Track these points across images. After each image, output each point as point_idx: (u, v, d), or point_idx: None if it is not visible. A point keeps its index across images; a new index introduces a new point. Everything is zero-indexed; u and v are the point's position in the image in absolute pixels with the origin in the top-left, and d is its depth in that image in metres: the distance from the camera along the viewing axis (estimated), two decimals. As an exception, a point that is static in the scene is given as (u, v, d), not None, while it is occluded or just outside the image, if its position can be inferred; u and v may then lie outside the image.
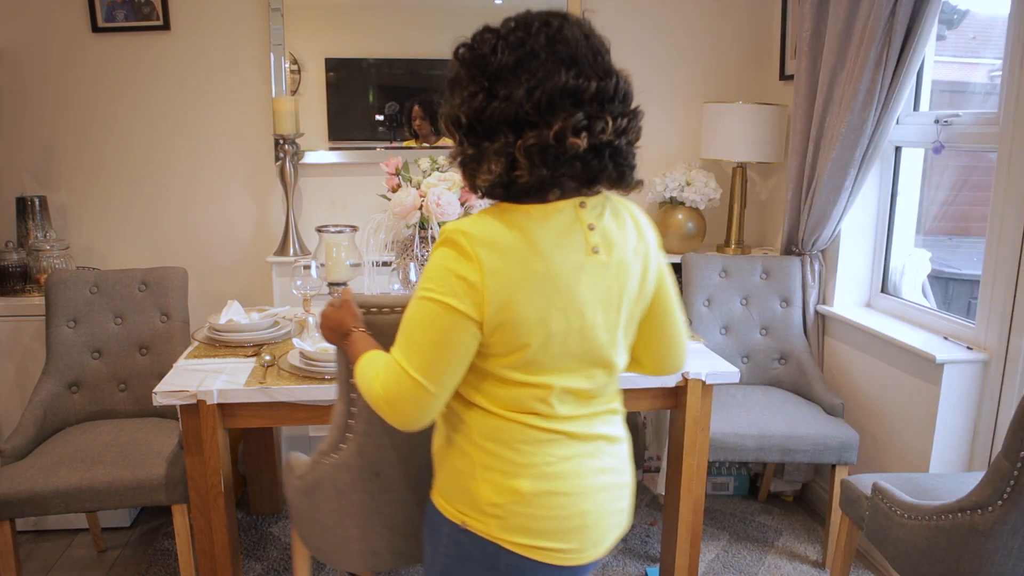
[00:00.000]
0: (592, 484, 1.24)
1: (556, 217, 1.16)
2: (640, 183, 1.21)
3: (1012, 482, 1.55)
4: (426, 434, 1.36)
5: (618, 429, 1.31)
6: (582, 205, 1.18)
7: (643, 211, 1.30)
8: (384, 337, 1.32)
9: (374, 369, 1.22)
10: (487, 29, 1.19)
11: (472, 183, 1.20)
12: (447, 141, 3.20)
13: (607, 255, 1.19)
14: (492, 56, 1.14)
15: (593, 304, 1.18)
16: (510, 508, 1.20)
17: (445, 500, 1.27)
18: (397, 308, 1.44)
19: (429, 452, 1.37)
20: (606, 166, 1.15)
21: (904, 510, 1.81)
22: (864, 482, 2.04)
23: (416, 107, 3.21)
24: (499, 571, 1.23)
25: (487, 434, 1.22)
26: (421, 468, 1.59)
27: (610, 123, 1.13)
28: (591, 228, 1.18)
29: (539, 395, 1.20)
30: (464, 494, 1.24)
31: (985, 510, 1.60)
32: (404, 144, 3.23)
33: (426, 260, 2.30)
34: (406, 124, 3.23)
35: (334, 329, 1.42)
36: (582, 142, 1.10)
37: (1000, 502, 1.57)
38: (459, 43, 1.21)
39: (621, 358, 1.26)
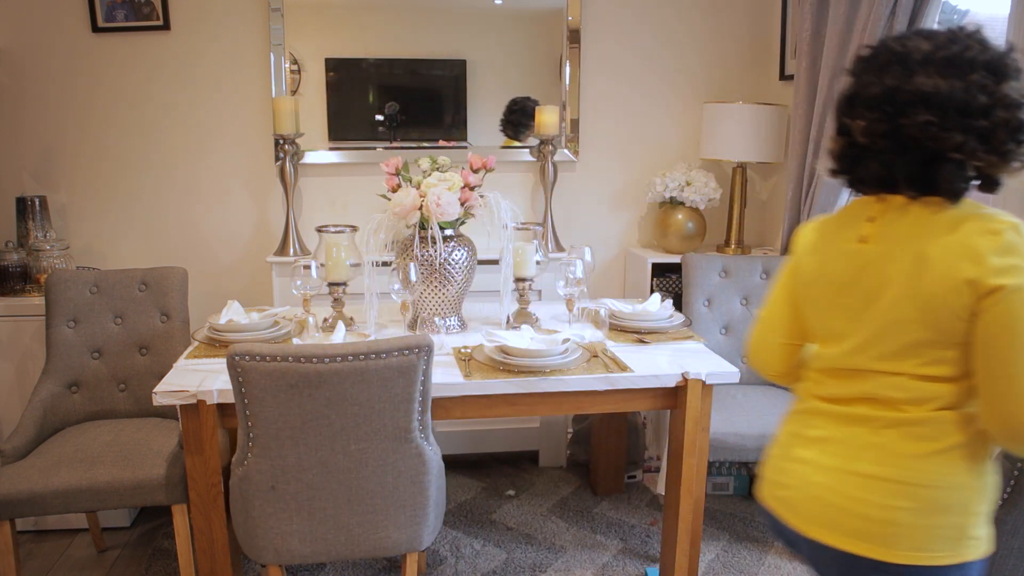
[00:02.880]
0: None
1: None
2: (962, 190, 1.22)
3: (1012, 482, 1.55)
4: None
5: None
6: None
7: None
8: None
9: None
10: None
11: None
12: (509, 141, 3.21)
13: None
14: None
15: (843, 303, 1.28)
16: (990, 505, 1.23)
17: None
18: None
19: None
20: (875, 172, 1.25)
21: None
22: None
23: (507, 110, 3.24)
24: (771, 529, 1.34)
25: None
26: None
27: (862, 126, 1.22)
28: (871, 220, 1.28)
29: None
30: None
31: None
32: (504, 144, 3.25)
33: (425, 260, 2.31)
34: (501, 122, 3.25)
35: None
36: (834, 146, 1.28)
37: (1000, 503, 1.55)
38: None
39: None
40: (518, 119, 3.25)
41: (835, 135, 1.25)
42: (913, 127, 1.12)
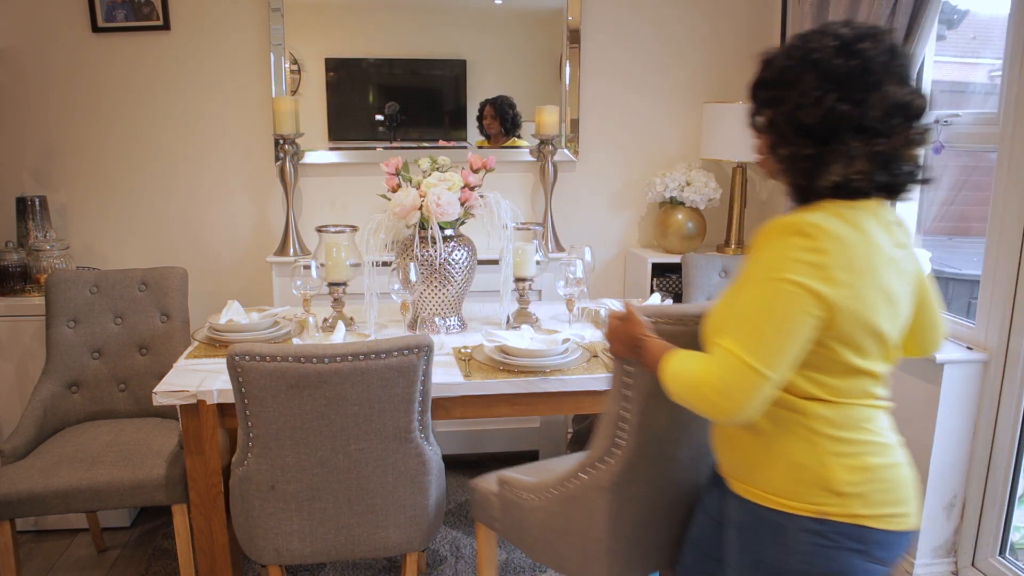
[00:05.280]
0: (903, 453, 1.32)
1: (877, 214, 1.24)
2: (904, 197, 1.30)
3: (624, 427, 1.54)
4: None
5: None
6: (882, 205, 1.26)
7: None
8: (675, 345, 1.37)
9: (697, 364, 1.23)
10: (823, 32, 1.22)
11: (805, 182, 1.24)
12: (517, 142, 3.24)
13: (905, 251, 1.28)
14: (835, 59, 1.18)
15: (902, 295, 1.27)
16: (867, 485, 1.25)
17: (787, 498, 1.27)
18: (688, 320, 1.47)
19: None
20: (917, 179, 1.25)
21: (531, 492, 1.77)
22: (490, 479, 1.96)
23: (489, 107, 3.21)
24: (863, 551, 1.25)
25: (833, 421, 1.25)
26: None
27: (927, 137, 1.23)
28: (897, 225, 1.28)
29: (872, 381, 1.28)
30: (815, 485, 1.25)
31: (605, 463, 1.58)
32: (477, 144, 3.26)
33: (425, 260, 2.31)
34: (478, 125, 3.24)
35: (625, 341, 1.45)
36: (918, 153, 1.21)
37: (617, 451, 1.56)
38: (792, 42, 1.25)
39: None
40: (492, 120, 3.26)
41: (903, 145, 1.22)
42: (924, 135, 1.23)
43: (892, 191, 1.25)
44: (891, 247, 1.25)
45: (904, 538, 1.29)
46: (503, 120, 3.23)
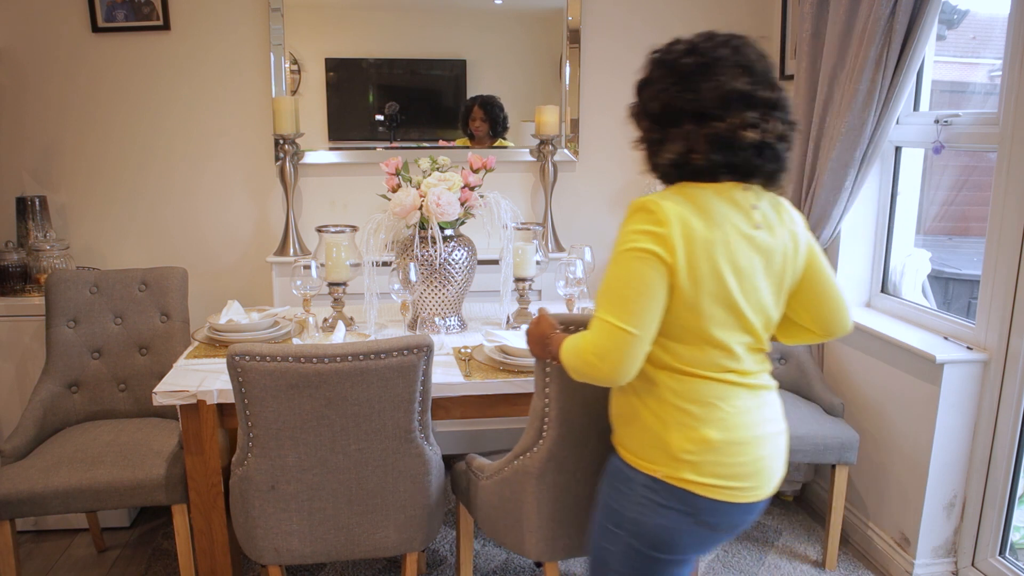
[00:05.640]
0: (763, 433, 1.42)
1: (726, 195, 1.37)
2: (783, 186, 1.43)
3: (547, 420, 1.73)
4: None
5: (770, 379, 1.48)
6: (745, 189, 1.39)
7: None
8: None
9: (582, 338, 1.38)
10: (678, 40, 1.42)
11: (653, 163, 1.42)
12: (503, 142, 3.24)
13: (767, 231, 1.39)
14: (684, 59, 1.37)
15: (757, 270, 1.38)
16: (702, 455, 1.37)
17: (636, 456, 1.44)
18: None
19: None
20: (765, 164, 1.36)
21: (482, 472, 1.96)
22: (465, 460, 2.14)
23: (477, 108, 3.21)
24: (692, 514, 1.40)
25: (680, 392, 1.39)
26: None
27: (775, 126, 1.35)
28: (754, 208, 1.39)
29: (723, 352, 1.38)
30: (657, 448, 1.40)
31: (532, 452, 1.78)
32: (458, 143, 3.25)
33: (425, 260, 2.31)
34: (462, 125, 3.24)
35: (537, 340, 1.61)
36: (755, 136, 1.33)
37: (541, 441, 1.75)
38: (653, 51, 1.44)
39: (777, 318, 1.46)
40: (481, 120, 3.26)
41: (740, 126, 1.33)
42: (790, 128, 1.38)
43: (741, 173, 1.37)
44: (746, 227, 1.37)
45: (742, 509, 1.42)
46: (493, 122, 3.23)
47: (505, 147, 3.25)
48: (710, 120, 1.33)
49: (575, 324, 1.63)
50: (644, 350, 1.34)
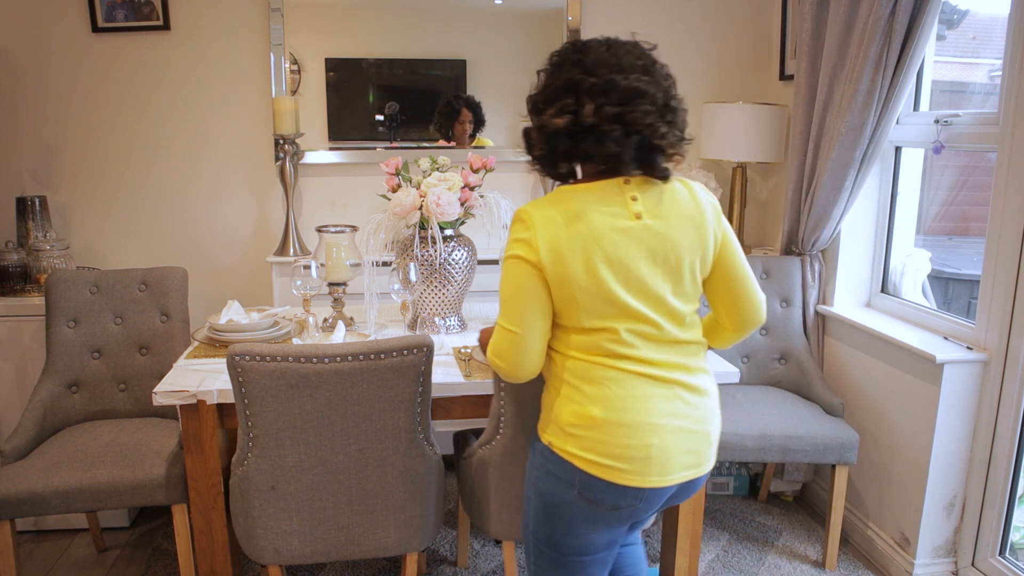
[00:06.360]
0: (661, 423, 1.44)
1: (600, 191, 1.45)
2: (668, 172, 1.47)
3: (502, 417, 1.86)
4: None
5: (700, 381, 1.51)
6: (626, 182, 1.46)
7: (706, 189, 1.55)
8: None
9: (490, 342, 1.52)
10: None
11: (533, 161, 1.54)
12: (483, 141, 3.25)
13: (653, 220, 1.44)
14: (546, 64, 1.49)
15: (638, 259, 1.43)
16: (584, 431, 1.44)
17: (541, 429, 1.55)
18: None
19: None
20: (608, 149, 1.40)
21: (465, 454, 2.08)
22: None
23: (465, 109, 3.21)
24: (573, 485, 1.47)
25: (575, 373, 1.47)
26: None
27: (591, 108, 1.38)
28: (634, 199, 1.44)
29: (608, 337, 1.44)
30: (552, 422, 1.50)
31: (491, 445, 1.91)
32: (437, 143, 3.25)
33: (425, 260, 2.31)
34: (442, 126, 3.23)
35: (483, 342, 1.78)
36: (560, 122, 1.40)
37: (499, 436, 1.89)
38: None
39: (685, 307, 1.49)
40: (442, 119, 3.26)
41: (554, 115, 1.42)
42: (636, 114, 1.39)
43: (595, 162, 1.45)
44: (623, 219, 1.42)
45: (625, 493, 1.44)
46: (478, 122, 3.23)
47: (485, 145, 3.25)
48: (537, 115, 1.46)
49: None
50: (535, 346, 1.46)
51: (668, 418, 1.44)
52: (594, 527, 1.50)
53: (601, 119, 1.38)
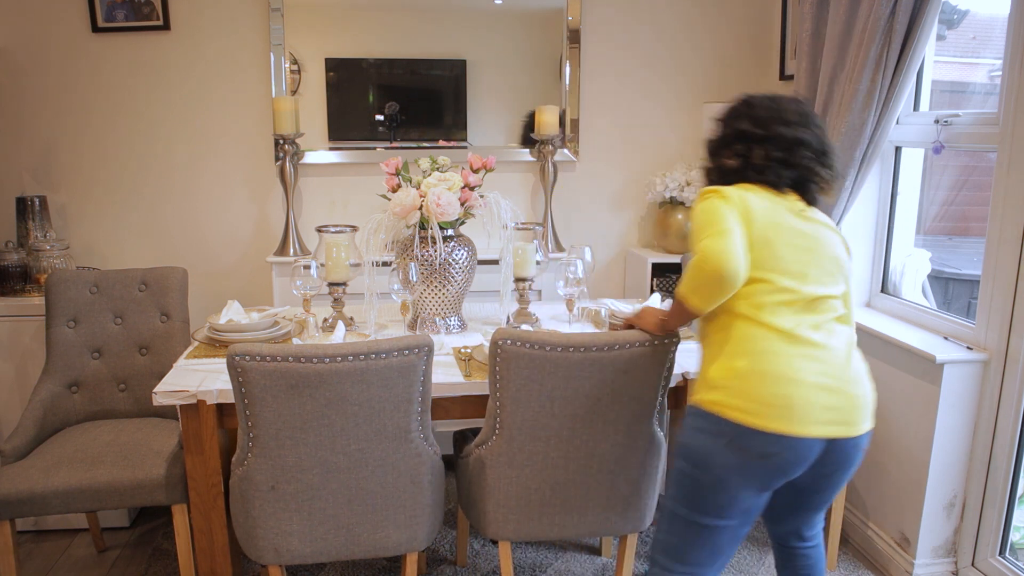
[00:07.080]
0: (801, 378, 1.56)
1: (772, 193, 1.68)
2: (817, 199, 1.74)
3: (498, 418, 1.87)
4: None
5: (835, 341, 1.62)
6: (786, 194, 1.71)
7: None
8: None
9: (687, 270, 1.61)
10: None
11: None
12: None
13: (810, 224, 1.68)
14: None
15: (802, 247, 1.63)
16: (730, 381, 1.58)
17: (691, 395, 1.68)
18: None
19: None
20: (768, 179, 1.68)
21: (463, 452, 2.10)
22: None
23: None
24: (723, 435, 1.58)
25: (738, 334, 1.60)
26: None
27: (761, 154, 1.68)
28: (800, 204, 1.70)
29: (772, 306, 1.59)
30: (702, 382, 1.64)
31: (487, 445, 1.92)
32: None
33: (425, 260, 2.31)
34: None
35: (651, 322, 1.86)
36: (734, 163, 1.71)
37: (495, 437, 1.90)
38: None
39: (835, 288, 1.67)
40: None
41: (729, 158, 1.73)
42: (797, 158, 1.68)
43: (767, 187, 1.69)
44: (791, 214, 1.66)
45: (771, 440, 1.54)
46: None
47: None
48: (714, 157, 1.78)
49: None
50: (734, 243, 1.54)
51: (808, 374, 1.56)
52: (745, 479, 1.59)
53: (769, 161, 1.67)
